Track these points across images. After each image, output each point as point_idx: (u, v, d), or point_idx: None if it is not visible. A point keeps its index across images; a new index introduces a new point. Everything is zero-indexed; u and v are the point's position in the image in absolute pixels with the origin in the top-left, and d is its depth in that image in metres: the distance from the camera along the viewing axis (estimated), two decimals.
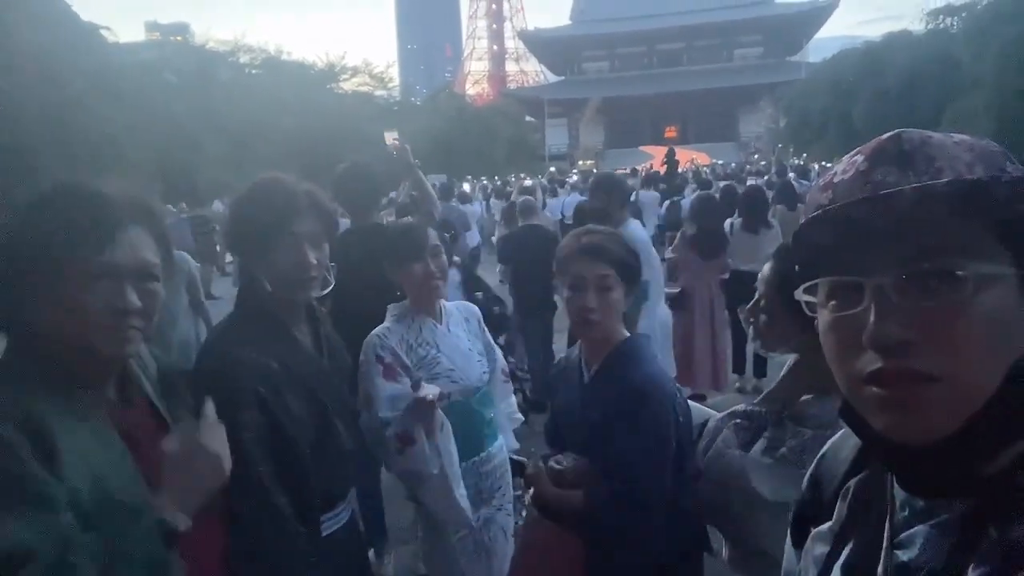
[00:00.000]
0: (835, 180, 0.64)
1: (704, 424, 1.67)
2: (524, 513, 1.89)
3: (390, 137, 4.26)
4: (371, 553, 2.73)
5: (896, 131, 0.63)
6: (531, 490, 1.66)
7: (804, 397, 1.49)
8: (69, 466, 0.97)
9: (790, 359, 1.61)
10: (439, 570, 2.13)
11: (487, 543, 2.02)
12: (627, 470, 1.52)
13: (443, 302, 2.16)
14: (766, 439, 1.51)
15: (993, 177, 0.57)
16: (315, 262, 1.52)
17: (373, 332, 2.03)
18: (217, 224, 8.36)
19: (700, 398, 4.42)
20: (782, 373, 1.62)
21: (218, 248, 7.79)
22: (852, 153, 0.65)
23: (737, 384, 5.87)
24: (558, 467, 1.60)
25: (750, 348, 5.69)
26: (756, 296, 1.60)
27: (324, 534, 1.57)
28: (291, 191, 1.52)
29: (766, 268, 1.60)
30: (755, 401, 1.62)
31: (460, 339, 2.11)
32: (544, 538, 1.66)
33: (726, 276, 5.21)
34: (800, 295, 0.66)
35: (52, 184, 1.13)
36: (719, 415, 1.67)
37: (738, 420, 1.60)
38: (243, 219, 1.54)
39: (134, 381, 1.21)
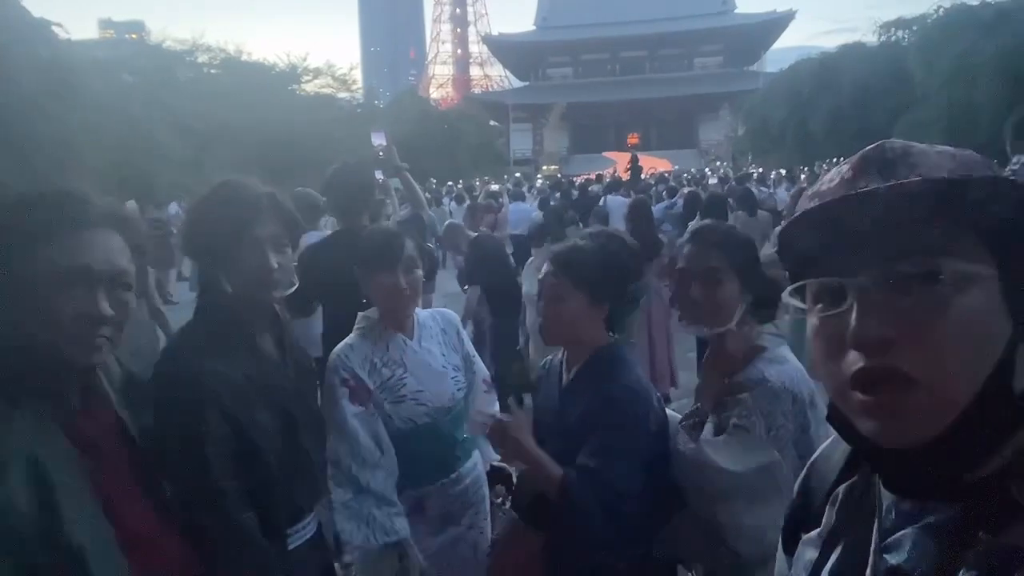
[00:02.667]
0: (822, 189, 0.65)
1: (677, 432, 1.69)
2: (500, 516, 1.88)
3: (378, 139, 4.21)
4: (337, 566, 2.68)
5: (880, 141, 0.65)
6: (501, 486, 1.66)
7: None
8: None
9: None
10: None
11: (455, 562, 1.95)
12: (603, 476, 1.52)
13: (418, 311, 2.06)
14: (712, 423, 1.58)
15: (964, 176, 0.58)
16: (276, 265, 1.49)
17: (336, 350, 1.93)
18: (174, 227, 8.15)
19: (664, 399, 4.48)
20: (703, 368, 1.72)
21: (176, 252, 7.61)
22: (840, 164, 0.67)
23: None
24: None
25: None
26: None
27: (290, 547, 1.53)
28: (251, 194, 1.50)
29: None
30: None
31: (432, 356, 2.00)
32: (519, 544, 1.66)
33: (669, 279, 5.30)
34: (788, 298, 0.67)
35: (24, 188, 1.11)
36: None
37: (685, 421, 1.67)
38: (203, 223, 1.50)
39: (98, 389, 1.18)
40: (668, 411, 1.74)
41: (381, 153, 3.82)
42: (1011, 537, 0.54)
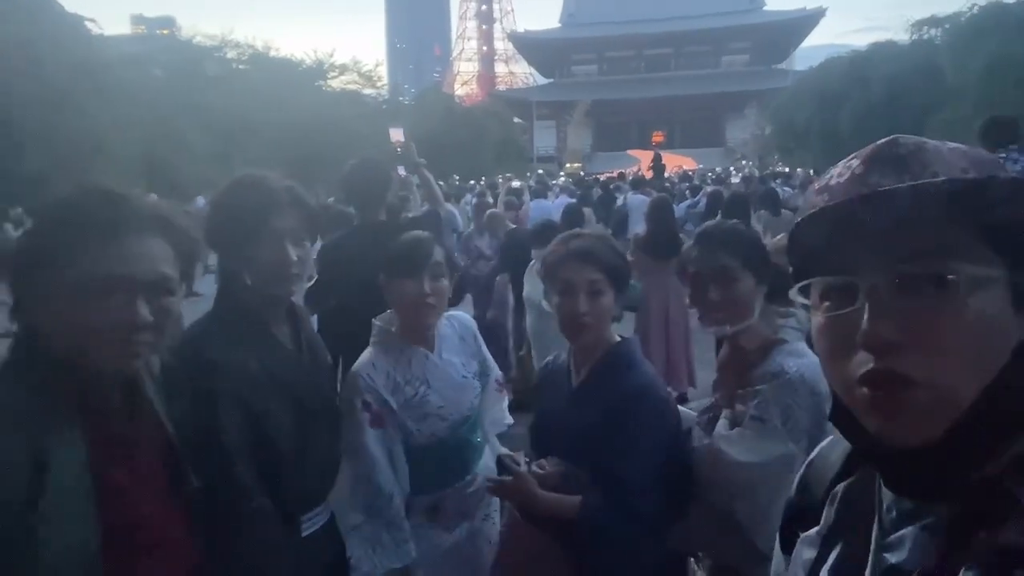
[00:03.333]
0: (831, 183, 0.64)
1: (691, 429, 1.69)
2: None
3: (396, 135, 4.25)
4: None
5: (892, 136, 0.64)
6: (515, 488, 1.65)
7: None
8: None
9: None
10: None
11: (472, 554, 1.96)
12: (620, 476, 1.51)
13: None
14: (726, 418, 1.58)
15: (990, 177, 0.58)
16: (295, 258, 1.50)
17: (357, 368, 1.85)
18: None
19: (682, 399, 4.46)
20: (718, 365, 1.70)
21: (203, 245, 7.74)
22: (848, 158, 0.65)
23: None
24: (540, 471, 1.58)
25: None
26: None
27: (304, 534, 1.56)
28: (270, 187, 1.51)
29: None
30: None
31: (454, 367, 1.93)
32: (527, 541, 1.66)
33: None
34: (795, 295, 0.66)
35: (70, 189, 1.10)
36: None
37: (700, 416, 1.67)
38: (222, 215, 1.53)
39: (141, 396, 1.18)
40: (682, 409, 1.73)
41: (399, 149, 3.86)
42: (1011, 536, 0.54)
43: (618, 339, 1.68)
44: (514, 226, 6.30)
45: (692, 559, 1.76)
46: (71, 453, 1.01)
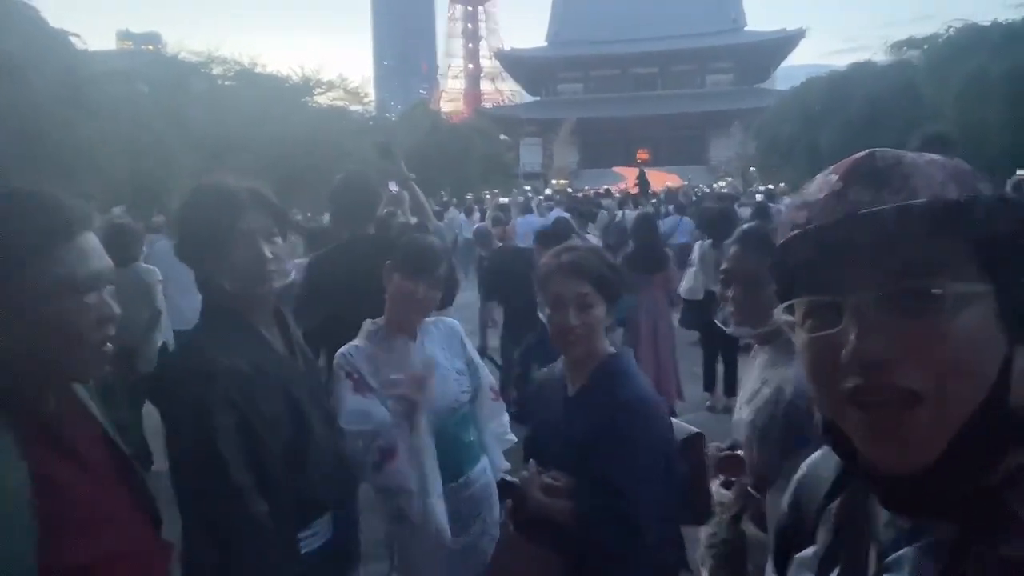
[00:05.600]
0: (810, 199, 0.64)
1: (685, 440, 1.69)
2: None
3: (393, 186, 4.27)
4: None
5: (869, 150, 0.64)
6: (511, 501, 1.65)
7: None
8: None
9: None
10: None
11: (467, 568, 1.96)
12: (619, 487, 1.51)
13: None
14: None
15: (971, 197, 0.58)
16: (271, 255, 1.50)
17: (340, 350, 1.97)
18: None
19: (671, 413, 4.47)
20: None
21: None
22: (826, 172, 0.65)
23: (708, 403, 5.91)
24: (555, 483, 1.59)
25: (720, 367, 5.76)
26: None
27: (304, 551, 1.53)
28: (229, 190, 1.51)
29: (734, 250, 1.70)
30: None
31: (435, 358, 2.03)
32: (518, 559, 1.65)
33: (681, 293, 5.34)
34: (779, 315, 0.66)
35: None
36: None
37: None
38: (190, 227, 1.52)
39: (74, 399, 1.15)
40: (675, 421, 1.74)
41: (391, 166, 3.91)
42: (1010, 550, 0.54)
43: (612, 350, 1.70)
44: (500, 243, 6.29)
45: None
46: (13, 468, 0.96)
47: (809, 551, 0.72)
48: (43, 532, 0.95)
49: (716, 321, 1.74)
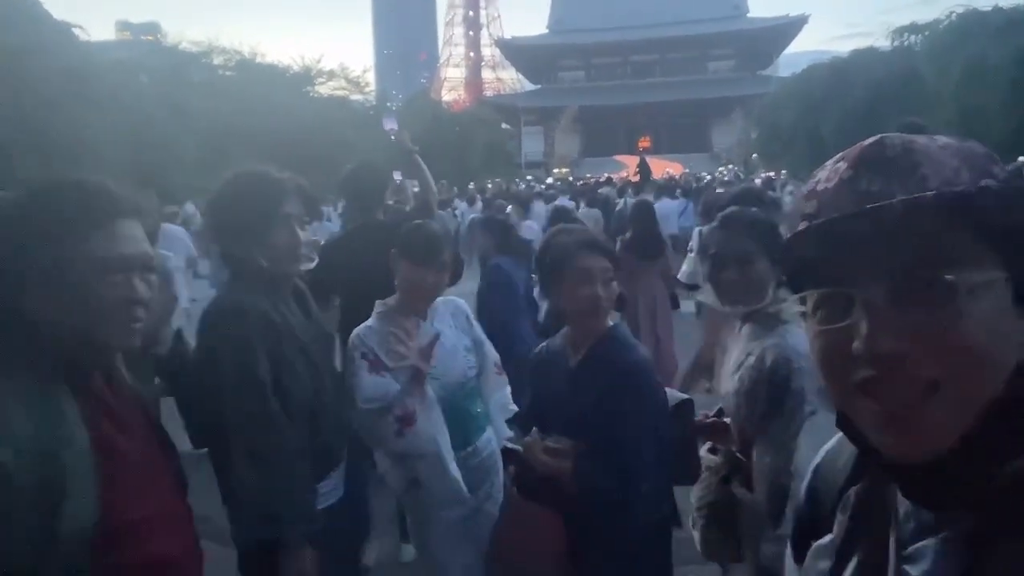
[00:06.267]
0: (818, 188, 0.63)
1: (677, 406, 1.80)
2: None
3: (389, 123, 4.33)
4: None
5: (878, 136, 0.62)
6: (515, 465, 1.76)
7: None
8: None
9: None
10: (429, 555, 2.18)
11: (475, 531, 2.06)
12: (619, 441, 1.64)
13: None
14: None
15: (981, 188, 0.56)
16: (304, 240, 1.68)
17: (355, 331, 2.08)
18: (191, 225, 8.31)
19: None
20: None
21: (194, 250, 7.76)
22: (835, 159, 0.64)
23: (707, 386, 6.00)
24: (557, 446, 1.70)
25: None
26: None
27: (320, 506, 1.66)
28: (277, 177, 1.68)
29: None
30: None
31: (444, 336, 2.13)
32: (524, 518, 1.76)
33: (680, 278, 5.41)
34: (791, 305, 0.66)
35: (48, 178, 1.17)
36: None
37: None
38: (236, 206, 1.66)
39: (117, 370, 1.25)
40: (673, 391, 1.87)
41: (393, 136, 3.96)
42: None
43: (611, 323, 1.80)
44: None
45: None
46: (78, 429, 1.07)
47: (827, 539, 0.71)
48: (102, 491, 1.06)
49: (699, 298, 1.85)
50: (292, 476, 1.53)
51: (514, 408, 2.30)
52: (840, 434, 0.69)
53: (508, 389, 2.31)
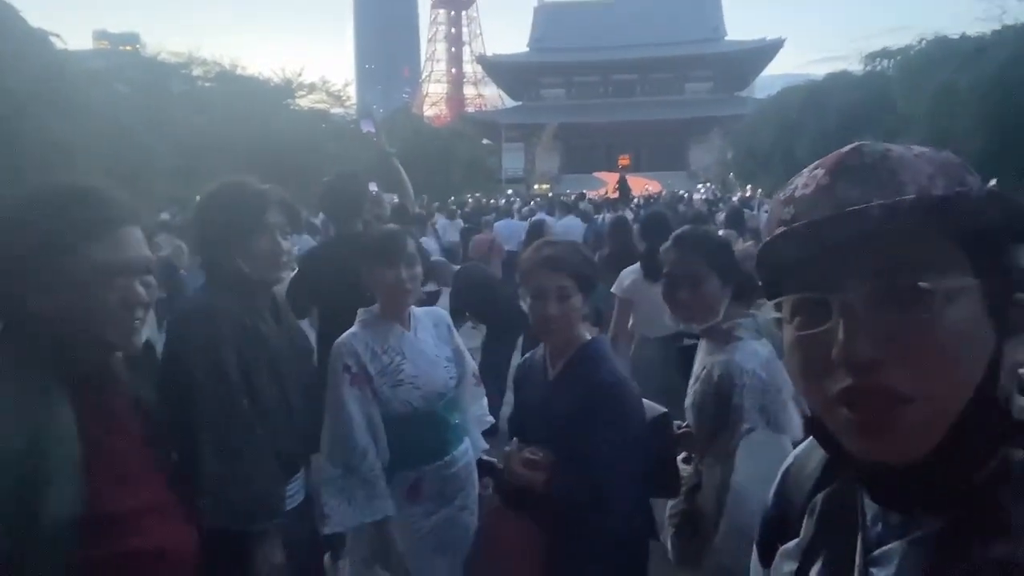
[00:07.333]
0: (796, 194, 0.63)
1: (656, 419, 1.81)
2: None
3: (366, 125, 4.34)
4: (327, 556, 2.75)
5: (856, 144, 0.63)
6: (497, 473, 1.77)
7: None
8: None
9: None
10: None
11: (449, 542, 2.06)
12: (592, 459, 1.64)
13: (412, 308, 2.22)
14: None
15: (959, 193, 0.57)
16: (286, 248, 1.72)
17: (340, 339, 2.07)
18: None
19: None
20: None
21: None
22: (812, 167, 0.64)
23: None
24: (534, 457, 1.71)
25: None
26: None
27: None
28: (260, 188, 1.72)
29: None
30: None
31: (427, 345, 2.15)
32: (504, 528, 1.75)
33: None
34: (769, 311, 0.66)
35: (52, 183, 1.20)
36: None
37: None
38: (222, 214, 1.69)
39: (113, 369, 1.27)
40: (646, 401, 1.86)
41: (375, 139, 3.98)
42: (1003, 549, 0.54)
43: (588, 337, 1.81)
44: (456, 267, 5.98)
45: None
46: (65, 423, 1.09)
47: (793, 543, 0.71)
48: (90, 482, 1.08)
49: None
50: (261, 470, 1.55)
51: (490, 419, 2.33)
52: (809, 439, 0.71)
53: (485, 400, 2.34)
